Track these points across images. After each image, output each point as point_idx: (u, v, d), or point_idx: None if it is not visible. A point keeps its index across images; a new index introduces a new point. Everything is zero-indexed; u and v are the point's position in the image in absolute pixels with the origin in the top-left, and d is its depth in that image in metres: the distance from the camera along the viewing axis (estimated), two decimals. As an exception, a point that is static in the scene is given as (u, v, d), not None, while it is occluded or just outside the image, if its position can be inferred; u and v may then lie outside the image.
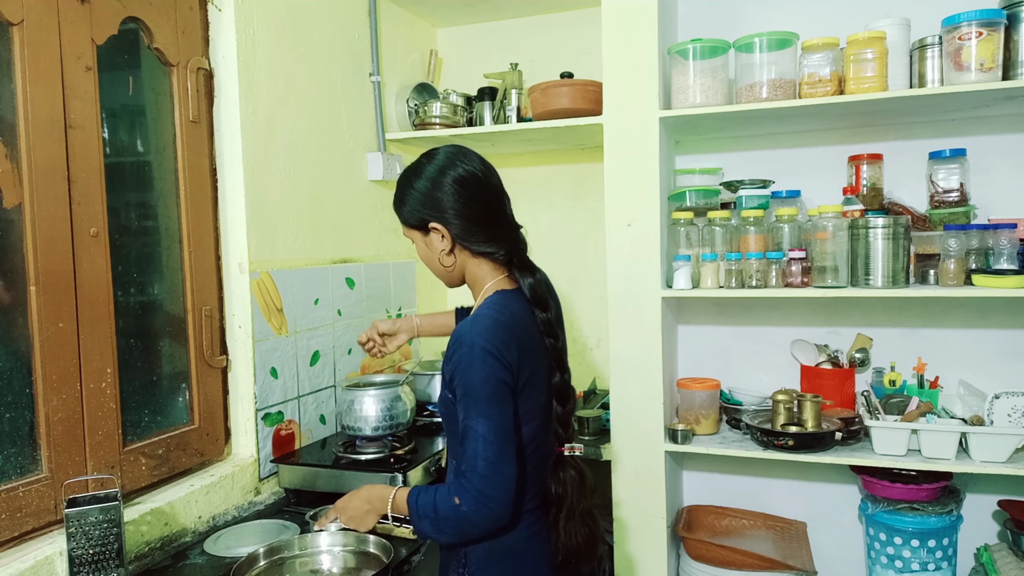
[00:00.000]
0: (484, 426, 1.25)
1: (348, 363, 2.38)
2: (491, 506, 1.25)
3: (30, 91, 1.44)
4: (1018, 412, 1.97)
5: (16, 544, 1.42)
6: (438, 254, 1.40)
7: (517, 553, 1.37)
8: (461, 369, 1.28)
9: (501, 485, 1.25)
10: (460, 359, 1.28)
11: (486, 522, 1.27)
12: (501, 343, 1.28)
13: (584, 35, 2.74)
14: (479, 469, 1.24)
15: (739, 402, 2.40)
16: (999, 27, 1.87)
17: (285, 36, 2.09)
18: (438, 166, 1.38)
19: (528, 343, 1.35)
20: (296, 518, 1.82)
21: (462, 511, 1.25)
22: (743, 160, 2.50)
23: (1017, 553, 2.06)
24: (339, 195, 2.35)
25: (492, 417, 1.26)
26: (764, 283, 2.09)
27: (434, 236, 1.39)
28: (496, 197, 1.42)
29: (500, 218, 1.41)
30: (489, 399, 1.26)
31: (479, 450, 1.25)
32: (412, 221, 1.41)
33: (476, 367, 1.26)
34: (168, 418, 1.80)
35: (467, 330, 1.30)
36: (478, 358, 1.26)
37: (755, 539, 2.37)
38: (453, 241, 1.39)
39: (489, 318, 1.31)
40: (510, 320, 1.33)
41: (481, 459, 1.24)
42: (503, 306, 1.35)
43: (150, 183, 1.78)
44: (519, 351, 1.31)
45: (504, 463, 1.25)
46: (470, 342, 1.27)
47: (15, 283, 1.44)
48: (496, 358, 1.27)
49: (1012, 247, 1.97)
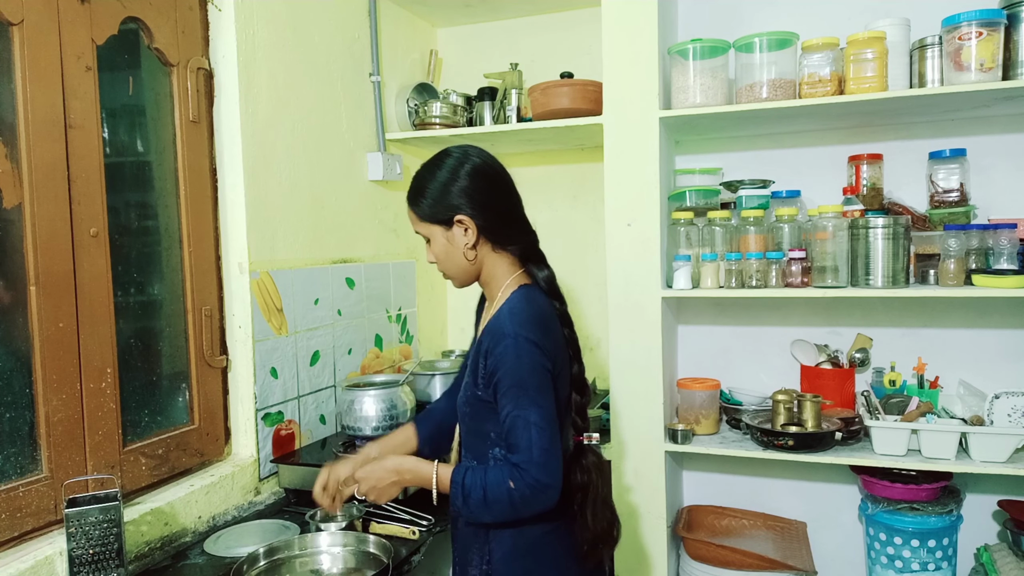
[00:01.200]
0: (537, 414, 1.26)
1: (348, 363, 2.38)
2: (548, 493, 1.27)
3: (30, 91, 1.44)
4: (1018, 412, 1.97)
5: (16, 544, 1.42)
6: (462, 249, 1.39)
7: (540, 548, 1.38)
8: (506, 361, 1.28)
9: (556, 471, 1.27)
10: (504, 351, 1.29)
11: (540, 506, 1.28)
12: (542, 333, 1.31)
13: (584, 35, 2.74)
14: (535, 458, 1.25)
15: (739, 402, 2.40)
16: (999, 27, 1.87)
17: (285, 36, 2.09)
18: (458, 159, 1.38)
19: (555, 336, 1.37)
20: (296, 518, 1.82)
21: (515, 496, 1.26)
22: (743, 160, 2.50)
23: (1017, 553, 2.06)
24: (339, 195, 2.35)
25: (542, 405, 1.28)
26: (764, 283, 2.09)
27: (458, 230, 1.38)
28: (516, 192, 1.44)
29: (521, 212, 1.44)
30: (538, 388, 1.28)
31: (533, 438, 1.26)
32: (436, 215, 1.38)
33: (523, 357, 1.28)
34: (168, 418, 1.80)
35: (507, 323, 1.31)
36: (524, 348, 1.28)
37: (755, 539, 2.37)
38: (478, 234, 1.38)
39: (525, 311, 1.33)
40: (540, 313, 1.35)
41: (537, 448, 1.25)
42: (531, 300, 1.37)
43: (150, 183, 1.78)
44: (554, 342, 1.34)
45: (556, 449, 1.28)
46: (514, 333, 1.29)
47: (15, 283, 1.44)
48: (539, 348, 1.29)
49: (1012, 247, 1.96)
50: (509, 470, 1.27)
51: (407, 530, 1.71)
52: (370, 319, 2.51)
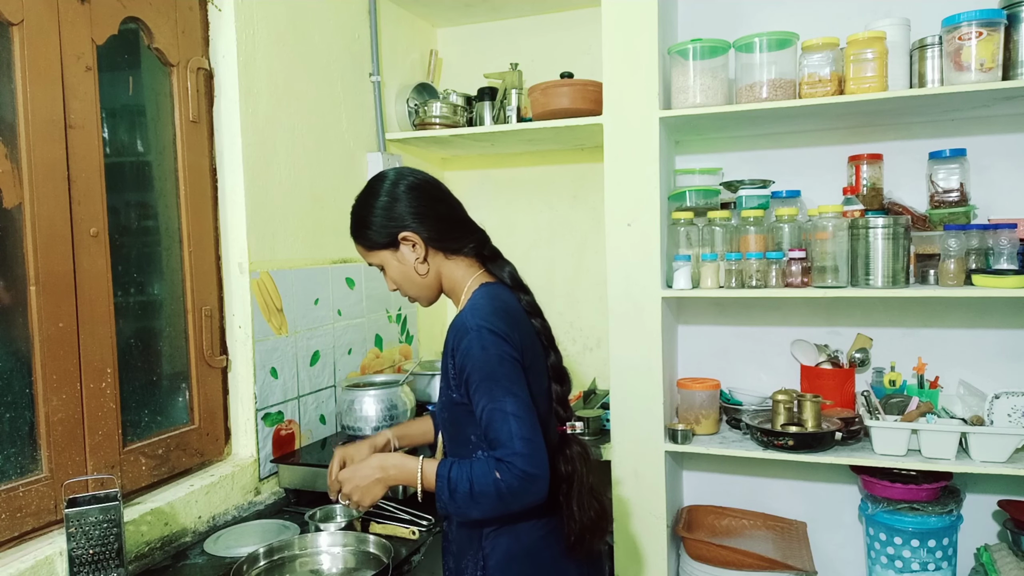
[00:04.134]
0: (512, 404, 1.24)
1: (348, 363, 2.38)
2: (537, 484, 1.24)
3: (30, 91, 1.44)
4: (1018, 412, 1.97)
5: (16, 544, 1.42)
6: (412, 265, 1.40)
7: (536, 553, 1.37)
8: (472, 355, 1.27)
9: (542, 461, 1.24)
10: (469, 345, 1.27)
11: (529, 499, 1.25)
12: (506, 324, 1.30)
13: (584, 35, 2.74)
14: (519, 449, 1.22)
15: (739, 402, 2.40)
16: (999, 27, 1.87)
17: (285, 36, 2.09)
18: (391, 181, 1.40)
19: (524, 328, 1.36)
20: (296, 518, 1.82)
21: (502, 488, 1.23)
22: (743, 160, 2.50)
23: (1017, 553, 2.06)
24: (339, 195, 2.35)
25: (517, 394, 1.25)
26: (764, 283, 2.09)
27: (405, 248, 1.39)
28: (452, 197, 1.45)
29: (463, 215, 1.45)
30: (509, 377, 1.26)
31: (513, 429, 1.23)
32: (380, 239, 1.40)
33: (490, 348, 1.26)
34: (168, 418, 1.80)
35: (468, 318, 1.30)
36: (488, 339, 1.27)
37: (755, 539, 2.37)
38: (426, 246, 1.39)
39: (487, 306, 1.33)
40: (504, 306, 1.34)
41: (518, 438, 1.23)
42: (493, 295, 1.37)
43: (150, 183, 1.78)
44: (520, 334, 1.33)
45: (537, 437, 1.25)
46: (476, 326, 1.28)
47: (15, 283, 1.44)
48: (503, 338, 1.27)
49: (1012, 247, 1.96)
50: (495, 463, 1.24)
51: (407, 530, 1.71)
52: (370, 319, 2.51)
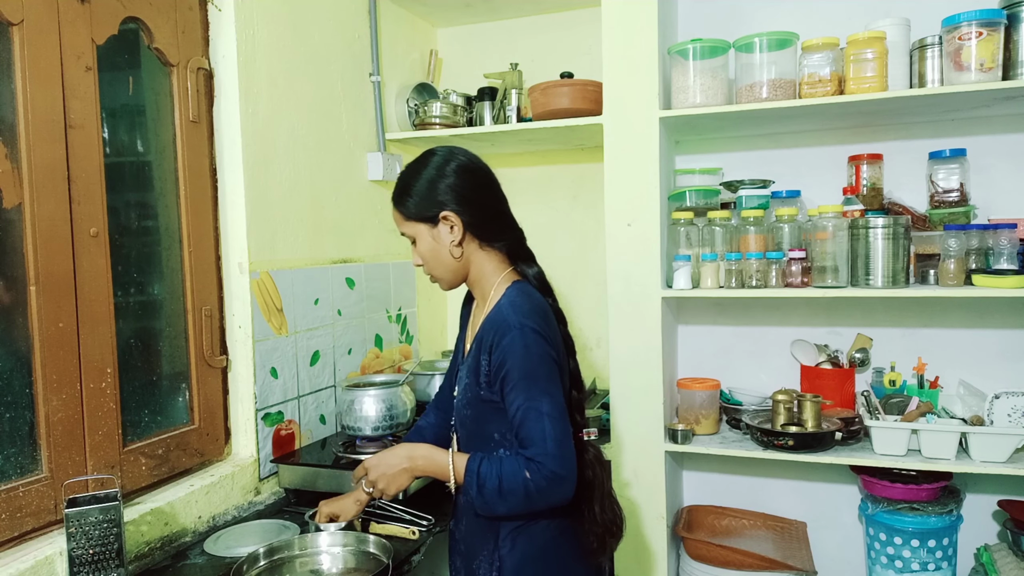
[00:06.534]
0: (548, 404, 1.24)
1: (348, 363, 2.38)
2: (564, 486, 1.24)
3: (30, 91, 1.44)
4: (1018, 412, 1.97)
5: (16, 544, 1.42)
6: (447, 246, 1.38)
7: (550, 554, 1.37)
8: (515, 352, 1.26)
9: (572, 464, 1.25)
10: (511, 342, 1.26)
11: (555, 499, 1.26)
12: (545, 323, 1.30)
13: (584, 35, 2.74)
14: (550, 450, 1.23)
15: (739, 402, 2.40)
16: (999, 27, 1.87)
17: (285, 36, 2.09)
18: (444, 157, 1.40)
19: (555, 329, 1.36)
20: (296, 518, 1.82)
21: (531, 487, 1.23)
22: (743, 160, 2.50)
23: (1017, 553, 2.06)
24: (339, 195, 2.35)
25: (553, 395, 1.26)
26: (764, 283, 2.09)
27: (443, 227, 1.37)
28: (501, 190, 1.44)
29: (506, 208, 1.44)
30: (548, 378, 1.26)
31: (547, 430, 1.23)
32: (422, 213, 1.38)
33: (532, 347, 1.26)
34: (168, 418, 1.80)
35: (511, 315, 1.29)
36: (531, 338, 1.26)
37: (755, 539, 2.37)
38: (464, 231, 1.37)
39: (526, 304, 1.32)
40: (541, 307, 1.35)
41: (551, 439, 1.23)
42: (529, 294, 1.36)
43: (150, 183, 1.78)
44: (556, 334, 1.34)
45: (568, 440, 1.25)
46: (519, 324, 1.27)
47: (15, 283, 1.44)
48: (545, 338, 1.28)
49: (1012, 247, 1.96)
50: (525, 462, 1.24)
51: (407, 530, 1.71)
52: (370, 319, 2.51)
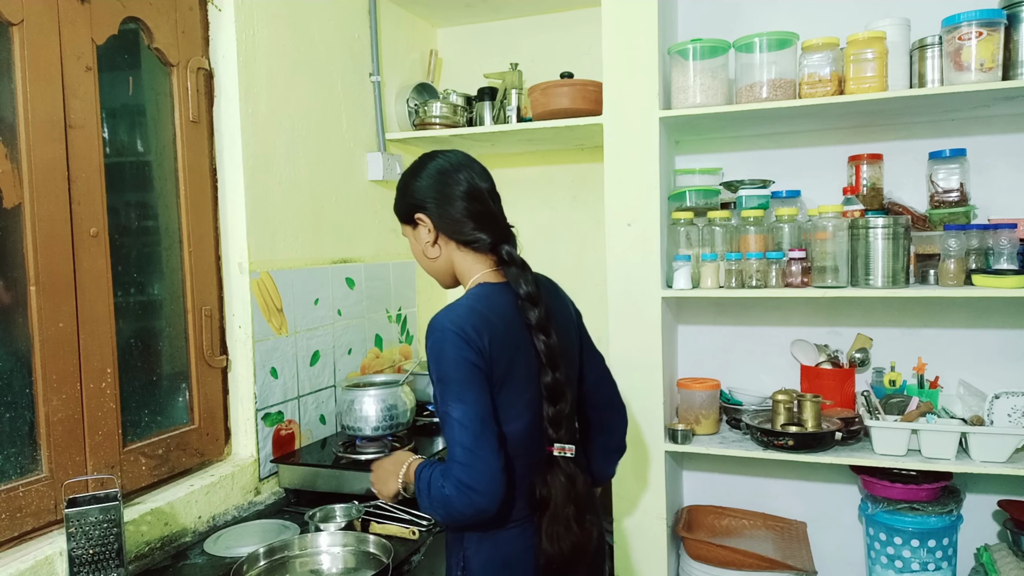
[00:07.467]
0: (459, 410, 1.22)
1: (348, 363, 2.38)
2: (472, 496, 1.19)
3: (30, 91, 1.44)
4: (1018, 412, 1.97)
5: (16, 544, 1.42)
6: (423, 246, 1.41)
7: (516, 562, 1.33)
8: (434, 354, 1.26)
9: (482, 474, 1.19)
10: (432, 344, 1.26)
11: (469, 510, 1.21)
12: (471, 327, 1.25)
13: (584, 35, 2.74)
14: (457, 457, 1.20)
15: (739, 402, 2.40)
16: (999, 27, 1.87)
17: (285, 36, 2.09)
18: (424, 161, 1.42)
19: (507, 335, 1.30)
20: (296, 518, 1.82)
21: (446, 495, 1.21)
22: (743, 160, 2.50)
23: (1017, 553, 2.06)
24: (339, 195, 2.35)
25: (466, 401, 1.22)
26: (764, 283, 2.09)
27: (421, 228, 1.40)
28: (477, 188, 1.38)
29: (482, 208, 1.38)
30: (462, 383, 1.23)
31: (455, 436, 1.21)
32: (403, 214, 1.43)
33: (447, 350, 1.24)
34: (168, 418, 1.80)
35: (438, 317, 1.28)
36: (448, 341, 1.24)
37: (755, 539, 2.37)
38: (436, 231, 1.38)
39: (463, 306, 1.30)
40: (487, 310, 1.30)
41: (458, 446, 1.20)
42: (482, 296, 1.33)
43: (150, 183, 1.78)
44: (492, 339, 1.27)
45: (482, 450, 1.20)
46: (440, 327, 1.26)
47: (15, 283, 1.44)
48: (465, 340, 1.24)
49: (1012, 247, 1.97)
50: (444, 469, 1.23)
51: (407, 530, 1.71)
52: (370, 319, 2.51)
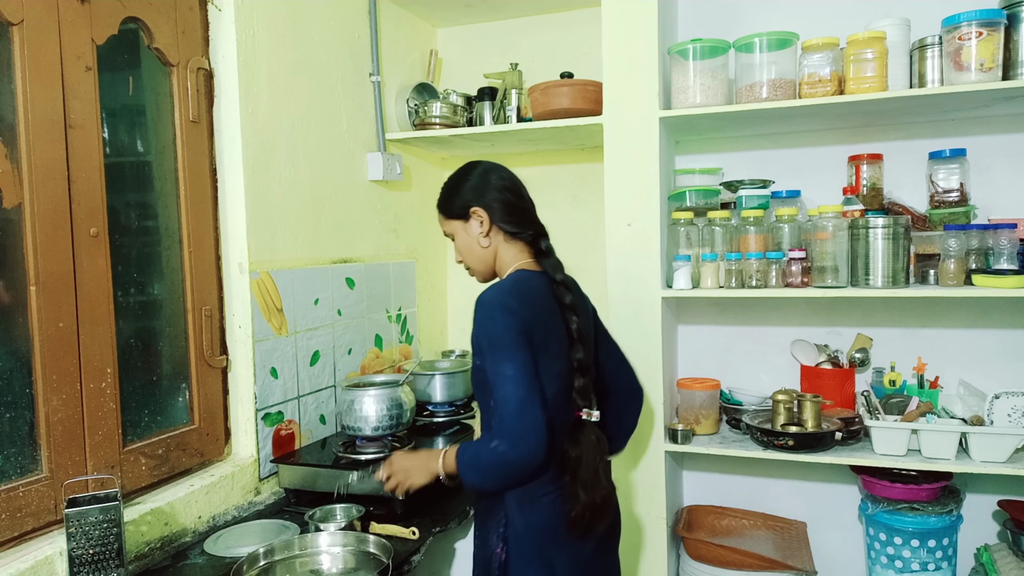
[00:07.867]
0: (512, 367, 1.37)
1: (348, 363, 2.38)
2: (527, 443, 1.35)
3: (30, 91, 1.44)
4: (1018, 412, 1.97)
5: (16, 544, 1.42)
6: (477, 237, 1.58)
7: (550, 528, 1.47)
8: (483, 323, 1.43)
9: (534, 421, 1.35)
10: (481, 316, 1.44)
11: (523, 459, 1.36)
12: (513, 300, 1.43)
13: (584, 35, 2.74)
14: (511, 409, 1.35)
15: (739, 402, 2.40)
16: (999, 27, 1.87)
17: (285, 36, 2.09)
18: (471, 167, 1.62)
19: (543, 313, 1.48)
20: (296, 518, 1.82)
21: (499, 452, 1.36)
22: (743, 160, 2.50)
23: (1017, 553, 2.06)
24: (339, 195, 2.35)
25: (517, 360, 1.38)
26: (764, 283, 2.09)
27: (474, 221, 1.58)
28: (524, 192, 1.64)
29: (529, 208, 1.63)
30: (510, 347, 1.39)
31: (510, 391, 1.36)
32: (456, 210, 1.60)
33: (496, 319, 1.41)
34: (168, 418, 1.80)
35: (486, 294, 1.46)
36: (497, 311, 1.42)
37: (755, 539, 2.37)
38: (490, 223, 1.56)
39: (506, 284, 1.49)
40: (524, 289, 1.48)
41: (513, 400, 1.36)
42: (521, 280, 1.52)
43: (150, 183, 1.78)
44: (532, 313, 1.44)
45: (532, 402, 1.36)
46: (488, 301, 1.44)
47: (15, 283, 1.44)
48: (509, 312, 1.41)
49: (1012, 247, 1.97)
50: (493, 430, 1.38)
51: (407, 530, 1.71)
52: (370, 319, 2.51)
